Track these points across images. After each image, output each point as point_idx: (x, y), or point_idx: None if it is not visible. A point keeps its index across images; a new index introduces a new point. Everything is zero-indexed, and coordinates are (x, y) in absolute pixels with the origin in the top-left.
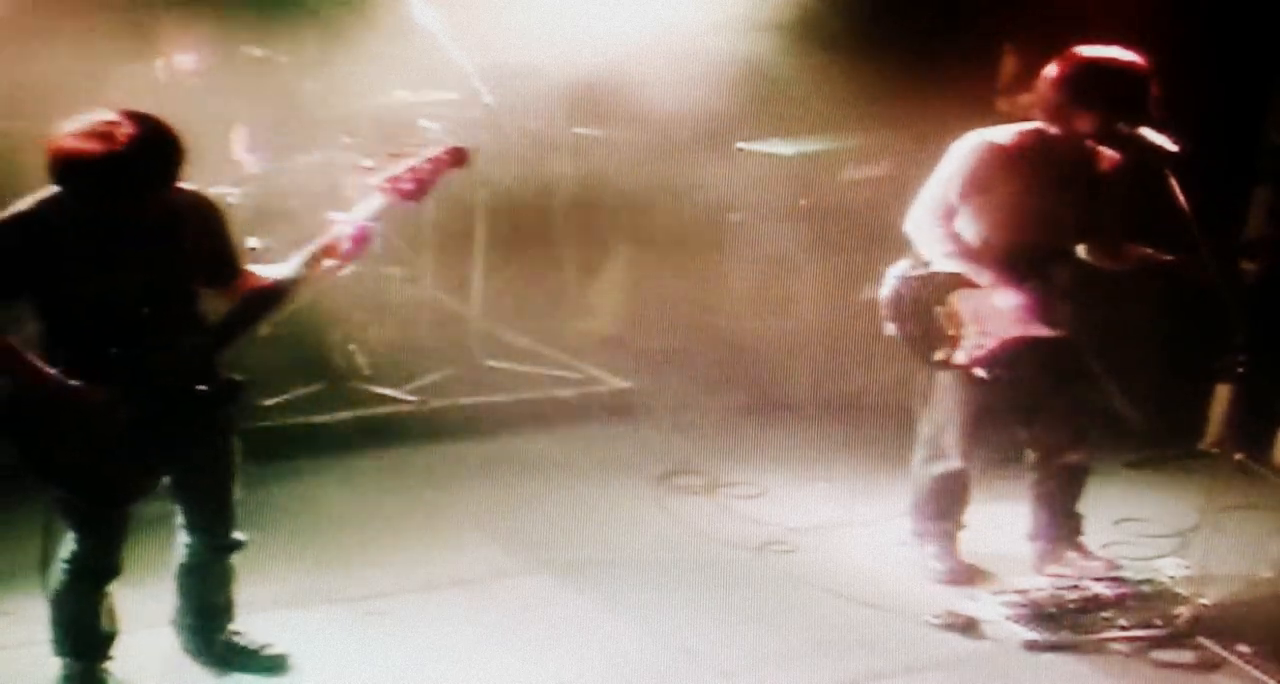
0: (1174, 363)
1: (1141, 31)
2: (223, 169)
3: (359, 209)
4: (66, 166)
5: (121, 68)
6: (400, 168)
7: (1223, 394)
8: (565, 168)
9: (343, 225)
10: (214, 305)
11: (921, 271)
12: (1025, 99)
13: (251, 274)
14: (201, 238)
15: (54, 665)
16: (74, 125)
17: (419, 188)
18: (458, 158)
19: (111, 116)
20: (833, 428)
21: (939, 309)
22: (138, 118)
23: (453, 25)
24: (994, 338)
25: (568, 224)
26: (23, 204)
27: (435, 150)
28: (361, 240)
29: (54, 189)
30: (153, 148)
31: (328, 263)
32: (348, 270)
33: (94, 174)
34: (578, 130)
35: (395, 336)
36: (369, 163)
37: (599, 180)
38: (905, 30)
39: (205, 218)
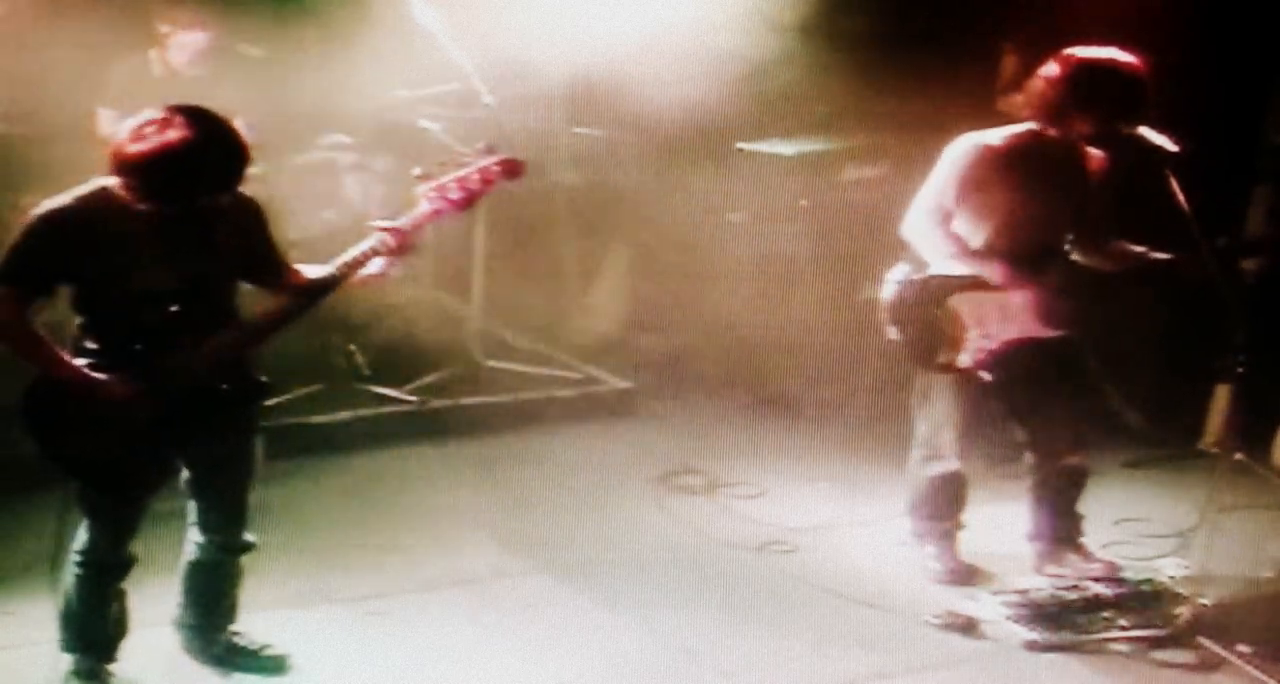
0: (1174, 363)
1: (1141, 31)
2: None
3: (405, 216)
4: (137, 166)
5: (116, 64)
6: (448, 177)
7: (1223, 394)
8: (565, 167)
9: (386, 231)
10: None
11: (921, 275)
12: (1020, 99)
13: (297, 272)
14: (240, 237)
15: (54, 666)
16: (138, 126)
17: (467, 198)
18: (511, 170)
19: (173, 115)
20: (833, 428)
21: (940, 312)
22: (201, 117)
23: (453, 25)
24: (996, 339)
25: (568, 224)
26: (61, 199)
27: (488, 161)
28: (404, 247)
29: (92, 185)
30: (224, 148)
31: (369, 268)
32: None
33: (167, 174)
34: (578, 130)
35: (395, 336)
36: (418, 170)
37: (599, 180)
38: (905, 30)
39: (244, 217)
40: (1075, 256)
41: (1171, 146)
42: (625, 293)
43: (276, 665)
